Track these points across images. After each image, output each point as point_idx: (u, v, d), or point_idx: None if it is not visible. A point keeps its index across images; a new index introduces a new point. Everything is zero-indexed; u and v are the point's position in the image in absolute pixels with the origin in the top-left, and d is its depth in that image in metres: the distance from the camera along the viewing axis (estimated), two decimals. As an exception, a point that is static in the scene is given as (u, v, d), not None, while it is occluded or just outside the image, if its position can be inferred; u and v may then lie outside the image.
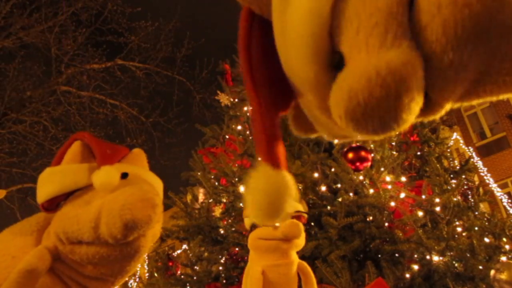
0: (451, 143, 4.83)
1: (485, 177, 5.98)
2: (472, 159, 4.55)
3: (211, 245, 3.49)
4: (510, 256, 3.11)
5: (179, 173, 4.43)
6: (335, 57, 0.41)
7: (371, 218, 2.94)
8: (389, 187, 3.14)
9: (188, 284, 3.53)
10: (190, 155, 4.37)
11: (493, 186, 5.88)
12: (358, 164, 2.65)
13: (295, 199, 0.52)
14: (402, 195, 3.12)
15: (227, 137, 4.26)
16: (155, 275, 3.96)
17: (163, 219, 1.09)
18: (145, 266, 6.74)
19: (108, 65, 10.80)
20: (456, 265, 2.84)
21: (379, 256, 2.80)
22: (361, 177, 3.12)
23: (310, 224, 2.96)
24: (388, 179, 3.22)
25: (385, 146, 3.38)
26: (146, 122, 11.28)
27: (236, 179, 3.59)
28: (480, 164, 5.92)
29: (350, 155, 2.64)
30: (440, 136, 4.35)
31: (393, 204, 3.02)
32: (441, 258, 2.80)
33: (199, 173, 4.14)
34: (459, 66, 0.36)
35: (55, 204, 0.94)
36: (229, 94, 4.65)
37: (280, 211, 0.51)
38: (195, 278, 3.48)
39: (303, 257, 1.64)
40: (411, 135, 3.98)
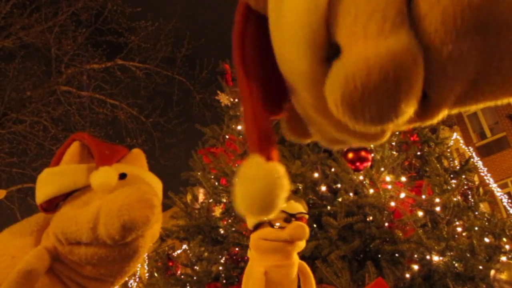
0: (451, 143, 4.82)
1: (485, 177, 5.98)
2: (472, 159, 4.55)
3: (211, 245, 3.49)
4: (510, 256, 3.11)
5: (179, 173, 4.43)
6: (330, 51, 0.40)
7: (371, 218, 2.94)
8: (389, 187, 3.14)
9: (188, 284, 3.53)
10: (190, 155, 4.37)
11: (493, 186, 5.88)
12: (358, 164, 2.65)
13: (288, 192, 0.49)
14: (402, 195, 3.12)
15: (227, 137, 4.26)
16: (155, 275, 3.96)
17: (163, 219, 1.09)
18: (145, 266, 6.73)
19: (108, 65, 10.80)
20: (456, 265, 2.83)
21: (379, 256, 2.80)
22: (361, 177, 3.12)
23: (310, 224, 2.95)
24: (388, 179, 3.22)
25: (385, 146, 3.38)
26: (146, 122, 11.28)
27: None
28: (480, 164, 5.91)
29: (350, 155, 2.64)
30: (440, 136, 4.35)
31: (393, 204, 3.02)
32: (441, 258, 2.80)
33: (199, 173, 4.14)
34: (458, 59, 0.35)
35: (54, 204, 0.94)
36: (229, 94, 4.64)
37: (273, 205, 0.48)
38: (195, 278, 3.48)
39: (303, 257, 1.64)
40: (411, 135, 3.98)
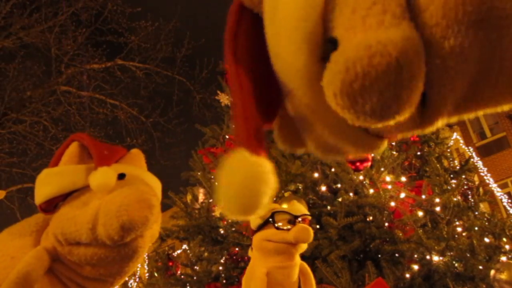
0: (451, 143, 4.82)
1: (485, 177, 5.98)
2: (472, 159, 4.55)
3: (211, 245, 3.49)
4: (510, 256, 3.11)
5: (179, 173, 4.43)
6: (327, 50, 0.38)
7: (371, 218, 2.94)
8: (389, 187, 3.13)
9: (188, 284, 3.53)
10: (190, 155, 4.37)
11: (493, 186, 5.88)
12: (358, 164, 2.64)
13: (274, 191, 0.46)
14: (402, 195, 3.12)
15: (227, 137, 4.25)
16: (155, 275, 3.96)
17: (163, 219, 1.09)
18: (145, 266, 6.73)
19: (108, 65, 10.81)
20: (456, 265, 2.83)
21: (379, 256, 2.80)
22: (361, 177, 3.12)
23: (310, 224, 2.95)
24: (388, 179, 3.22)
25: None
26: (146, 122, 11.29)
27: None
28: (480, 164, 5.91)
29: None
30: (440, 136, 4.34)
31: (393, 204, 3.02)
32: (441, 258, 2.80)
33: (199, 173, 4.14)
34: (459, 54, 0.34)
35: (53, 205, 0.94)
36: (229, 94, 4.64)
37: (256, 202, 0.44)
38: (195, 278, 3.48)
39: (303, 257, 1.64)
40: (411, 135, 3.97)
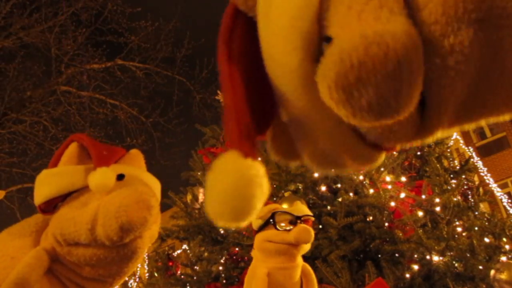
0: (451, 143, 4.81)
1: (485, 177, 5.97)
2: (472, 159, 4.55)
3: (211, 245, 3.49)
4: (510, 256, 3.11)
5: (179, 173, 4.43)
6: (322, 48, 0.37)
7: (371, 218, 2.93)
8: (389, 187, 3.14)
9: (188, 284, 3.53)
10: (190, 155, 4.37)
11: (493, 186, 5.87)
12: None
13: (266, 197, 0.43)
14: (402, 195, 3.12)
15: (227, 137, 4.25)
16: (155, 275, 3.96)
17: (163, 219, 1.09)
18: (145, 266, 6.73)
19: (108, 65, 10.80)
20: (456, 265, 2.83)
21: (379, 256, 2.80)
22: (361, 177, 3.12)
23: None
24: (388, 179, 3.22)
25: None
26: (146, 122, 11.28)
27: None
28: (480, 164, 5.90)
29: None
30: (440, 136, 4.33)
31: (393, 204, 3.02)
32: (441, 258, 2.80)
33: (199, 173, 4.14)
34: (460, 54, 0.33)
35: (52, 205, 0.94)
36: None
37: (249, 209, 0.42)
38: (195, 278, 3.48)
39: (303, 257, 1.64)
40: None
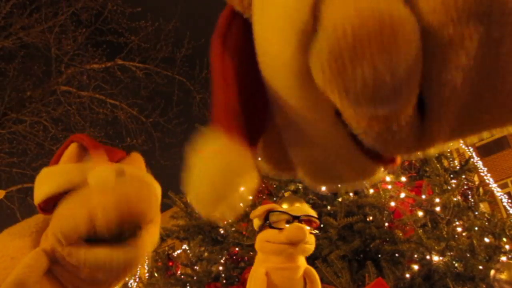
0: (451, 143, 4.80)
1: (485, 177, 5.96)
2: (472, 159, 4.54)
3: (211, 245, 3.49)
4: (510, 256, 3.11)
5: (179, 173, 4.42)
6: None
7: (371, 218, 2.94)
8: (389, 187, 3.14)
9: (188, 284, 3.53)
10: (190, 155, 4.35)
11: (493, 186, 5.86)
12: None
13: (254, 184, 0.40)
14: (402, 195, 3.12)
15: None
16: (155, 275, 3.96)
17: (163, 219, 1.09)
18: (145, 266, 6.73)
19: (108, 65, 10.80)
20: (456, 265, 2.83)
21: (379, 256, 2.80)
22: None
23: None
24: (388, 179, 3.22)
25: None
26: (146, 122, 11.27)
27: (236, 179, 3.59)
28: (480, 164, 5.89)
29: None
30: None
31: (393, 204, 3.02)
32: (441, 258, 2.80)
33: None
34: (460, 46, 0.32)
35: (52, 204, 0.93)
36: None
37: (229, 197, 0.38)
38: (195, 278, 3.48)
39: (303, 257, 1.63)
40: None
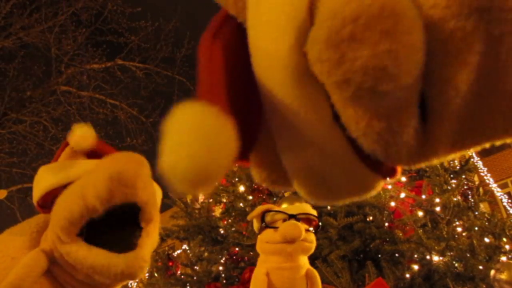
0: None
1: (485, 177, 5.97)
2: (472, 159, 4.54)
3: (211, 245, 3.49)
4: (510, 256, 3.11)
5: (179, 173, 4.42)
6: None
7: (371, 218, 2.94)
8: (389, 187, 3.14)
9: (188, 284, 3.53)
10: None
11: (493, 186, 5.87)
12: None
13: (233, 155, 0.36)
14: (402, 195, 3.12)
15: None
16: (155, 275, 3.96)
17: (163, 219, 1.09)
18: (145, 266, 6.73)
19: (108, 65, 10.81)
20: (456, 265, 2.83)
21: (379, 256, 2.80)
22: (361, 177, 3.12)
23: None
24: (388, 179, 3.22)
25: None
26: (146, 122, 11.27)
27: (236, 179, 3.59)
28: (480, 164, 5.90)
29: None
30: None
31: (393, 204, 3.02)
32: (441, 258, 2.80)
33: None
34: (461, 41, 0.31)
35: (50, 201, 0.93)
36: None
37: (213, 169, 0.35)
38: (195, 278, 3.48)
39: (303, 257, 1.63)
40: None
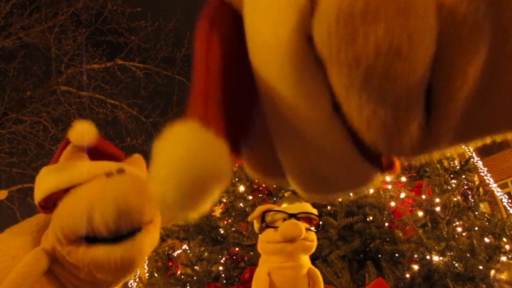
0: (451, 143, 4.80)
1: (485, 177, 5.97)
2: (472, 159, 4.54)
3: (211, 245, 3.49)
4: (510, 256, 3.11)
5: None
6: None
7: (371, 218, 2.93)
8: (389, 187, 3.14)
9: (188, 284, 3.53)
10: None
11: (493, 186, 5.87)
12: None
13: (226, 183, 0.35)
14: (402, 195, 3.12)
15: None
16: (155, 275, 3.96)
17: (163, 219, 1.09)
18: (145, 266, 6.73)
19: (108, 65, 10.81)
20: (456, 265, 2.83)
21: (379, 256, 2.79)
22: (361, 177, 3.12)
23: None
24: (388, 179, 3.22)
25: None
26: (146, 122, 11.28)
27: (236, 179, 3.59)
28: (480, 164, 5.90)
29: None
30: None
31: (393, 204, 3.02)
32: (441, 258, 2.80)
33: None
34: (474, 23, 0.30)
35: (52, 202, 0.93)
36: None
37: (202, 198, 0.33)
38: (195, 278, 3.48)
39: (303, 257, 1.63)
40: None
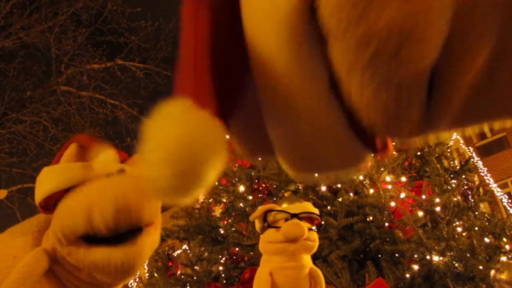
0: (451, 143, 4.81)
1: (485, 177, 5.97)
2: (472, 159, 4.54)
3: (211, 245, 3.49)
4: (510, 256, 3.11)
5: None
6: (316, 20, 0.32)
7: (371, 218, 2.93)
8: (389, 187, 3.14)
9: (188, 284, 3.53)
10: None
11: (493, 186, 5.87)
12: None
13: (222, 165, 0.31)
14: (402, 195, 3.12)
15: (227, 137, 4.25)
16: (155, 275, 3.96)
17: (163, 219, 1.09)
18: (145, 266, 6.73)
19: (108, 65, 10.82)
20: (456, 265, 2.83)
21: (379, 256, 2.80)
22: (361, 177, 3.12)
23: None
24: (388, 179, 3.22)
25: (385, 146, 3.37)
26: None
27: (236, 179, 3.59)
28: (480, 164, 5.89)
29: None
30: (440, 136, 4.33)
31: (393, 204, 3.02)
32: (441, 258, 2.80)
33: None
34: (484, 12, 0.31)
35: (53, 203, 0.93)
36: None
37: (195, 179, 0.31)
38: (195, 278, 3.48)
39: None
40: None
